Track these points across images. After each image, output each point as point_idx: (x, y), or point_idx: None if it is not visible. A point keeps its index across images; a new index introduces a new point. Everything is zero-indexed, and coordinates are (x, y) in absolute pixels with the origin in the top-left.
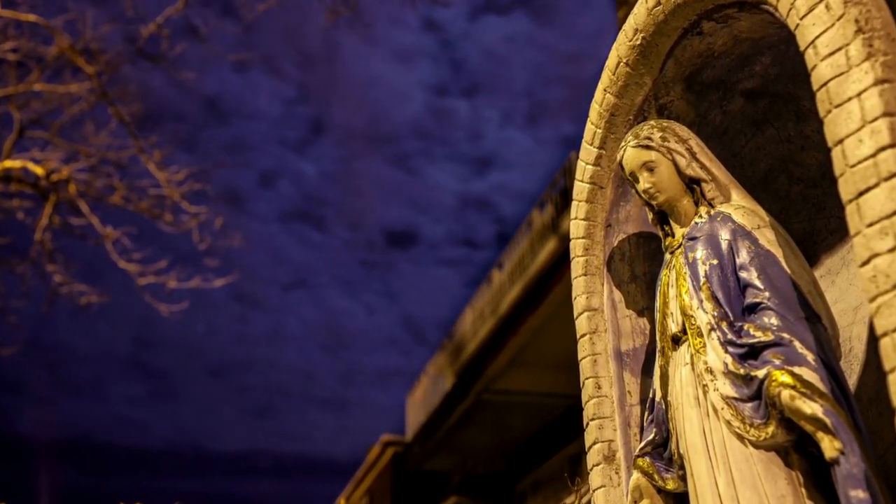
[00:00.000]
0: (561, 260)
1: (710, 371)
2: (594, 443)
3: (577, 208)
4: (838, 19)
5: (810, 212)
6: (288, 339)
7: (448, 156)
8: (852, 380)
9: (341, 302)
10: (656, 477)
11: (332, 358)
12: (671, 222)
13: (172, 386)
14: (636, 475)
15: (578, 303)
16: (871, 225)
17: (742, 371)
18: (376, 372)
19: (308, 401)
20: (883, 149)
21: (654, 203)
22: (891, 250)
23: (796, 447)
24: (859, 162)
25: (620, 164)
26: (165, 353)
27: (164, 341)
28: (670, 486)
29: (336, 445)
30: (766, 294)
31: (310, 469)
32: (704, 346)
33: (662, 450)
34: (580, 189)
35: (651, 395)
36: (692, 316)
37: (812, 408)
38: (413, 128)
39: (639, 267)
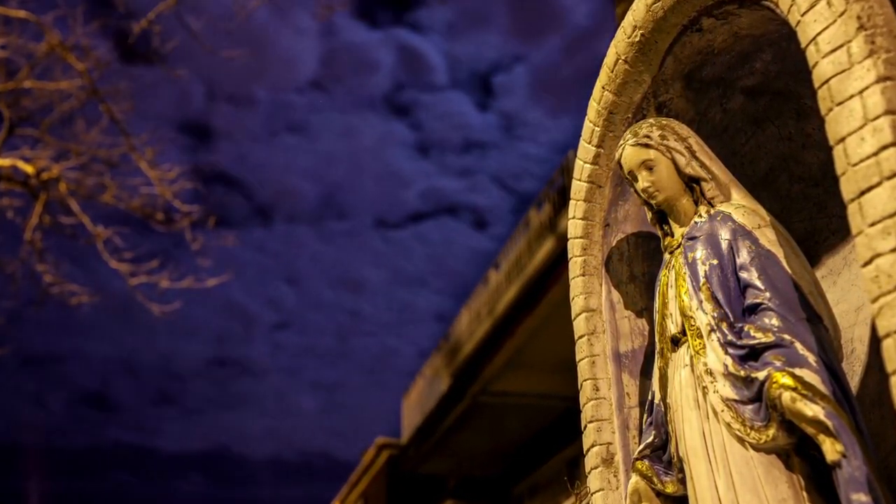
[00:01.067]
0: (559, 260)
1: (709, 373)
2: (592, 445)
3: (575, 207)
4: (840, 16)
5: (811, 211)
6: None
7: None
8: (854, 382)
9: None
10: (655, 480)
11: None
12: (670, 222)
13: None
14: (635, 478)
15: (576, 303)
16: (873, 224)
17: (742, 373)
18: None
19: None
20: (885, 147)
21: (652, 202)
22: (893, 250)
23: (797, 450)
24: (861, 160)
25: (619, 162)
26: None
27: None
28: (670, 489)
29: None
30: (767, 294)
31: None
32: (704, 347)
33: (662, 452)
34: (578, 188)
35: (650, 397)
36: (692, 317)
37: (813, 410)
38: None
39: (637, 267)
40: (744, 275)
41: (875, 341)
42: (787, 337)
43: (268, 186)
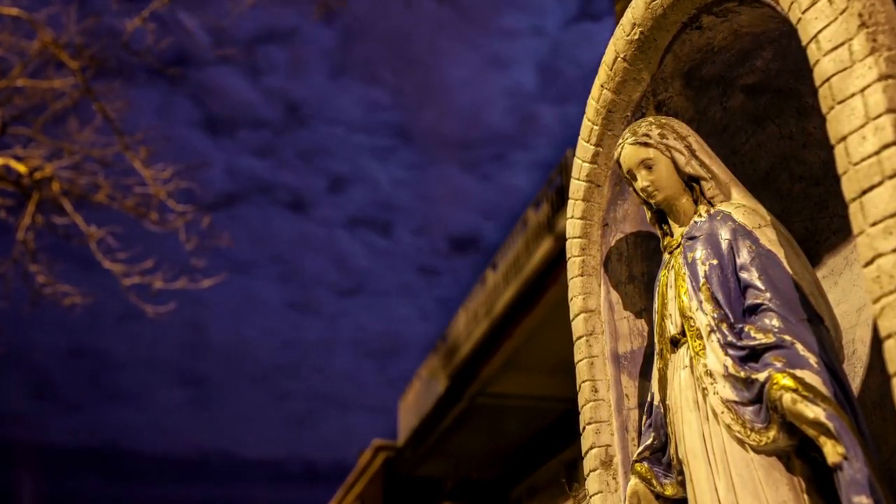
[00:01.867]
0: (557, 260)
1: (709, 374)
2: (591, 447)
3: (574, 207)
4: (841, 13)
5: (812, 211)
6: (340, 345)
7: (528, 162)
8: (855, 383)
9: (398, 309)
10: (655, 482)
11: (380, 365)
12: (670, 221)
13: (212, 392)
14: (634, 481)
15: (575, 304)
16: (874, 224)
17: (742, 374)
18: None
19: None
20: (887, 146)
21: (652, 202)
22: (895, 250)
23: (798, 452)
24: (863, 159)
25: (618, 161)
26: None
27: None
28: (669, 491)
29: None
30: (768, 295)
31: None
32: (704, 348)
33: (661, 455)
34: (576, 187)
35: (649, 399)
36: (691, 317)
37: (814, 412)
38: (495, 133)
39: (637, 267)
40: (744, 275)
41: (877, 342)
42: (787, 338)
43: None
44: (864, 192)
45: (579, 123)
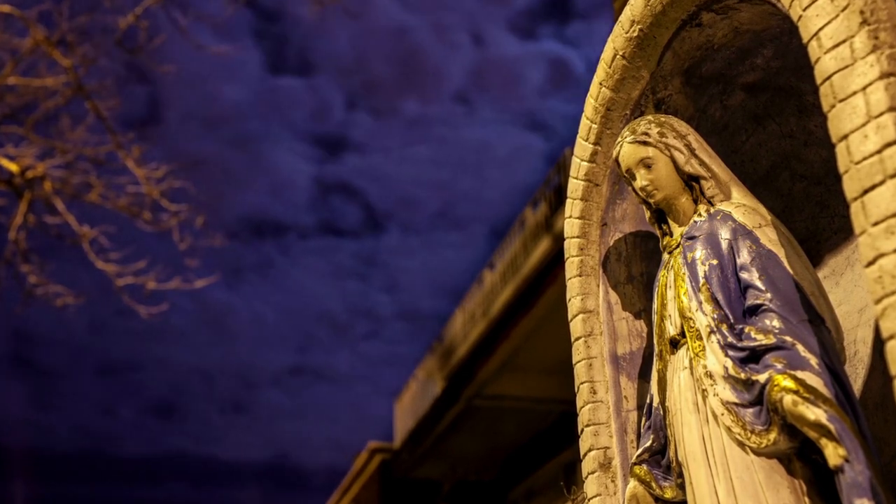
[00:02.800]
0: (555, 260)
1: (709, 375)
2: (589, 450)
3: (572, 206)
4: (843, 10)
5: (813, 210)
6: (171, 334)
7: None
8: (857, 384)
9: (220, 294)
10: (654, 485)
11: (223, 354)
12: (669, 221)
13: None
14: (633, 483)
15: (573, 304)
16: (876, 224)
17: (743, 375)
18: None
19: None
20: (889, 145)
21: (651, 201)
22: None
23: (799, 454)
24: (864, 158)
25: (616, 160)
26: None
27: None
28: (668, 494)
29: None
30: (768, 295)
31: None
32: (704, 349)
33: (660, 457)
34: (575, 186)
35: (648, 401)
36: (691, 318)
37: (815, 413)
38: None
39: (636, 267)
40: (744, 275)
41: (878, 343)
42: (788, 339)
43: (387, 197)
44: (866, 192)
45: (578, 121)
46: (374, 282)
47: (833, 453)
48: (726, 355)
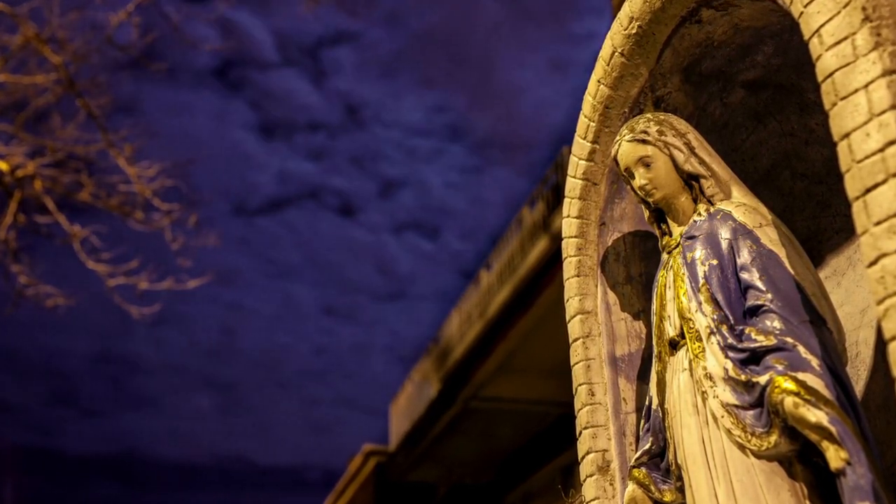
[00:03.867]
0: (552, 260)
1: (709, 377)
2: (588, 452)
3: (570, 206)
4: (844, 7)
5: (815, 209)
6: (375, 351)
7: None
8: (859, 386)
9: (435, 314)
10: (653, 488)
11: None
12: (668, 220)
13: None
14: (632, 487)
15: (571, 305)
16: (878, 223)
17: (743, 377)
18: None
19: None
20: (891, 143)
21: (650, 200)
22: None
23: (800, 457)
24: (866, 157)
25: (615, 159)
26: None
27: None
28: (668, 498)
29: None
30: (769, 296)
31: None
32: (703, 350)
33: (659, 460)
34: (572, 185)
35: (647, 403)
36: (691, 319)
37: (817, 416)
38: (553, 137)
39: (634, 267)
40: (744, 275)
41: (881, 344)
42: (789, 340)
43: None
44: (868, 191)
45: (575, 120)
46: None
47: (835, 456)
48: (726, 357)
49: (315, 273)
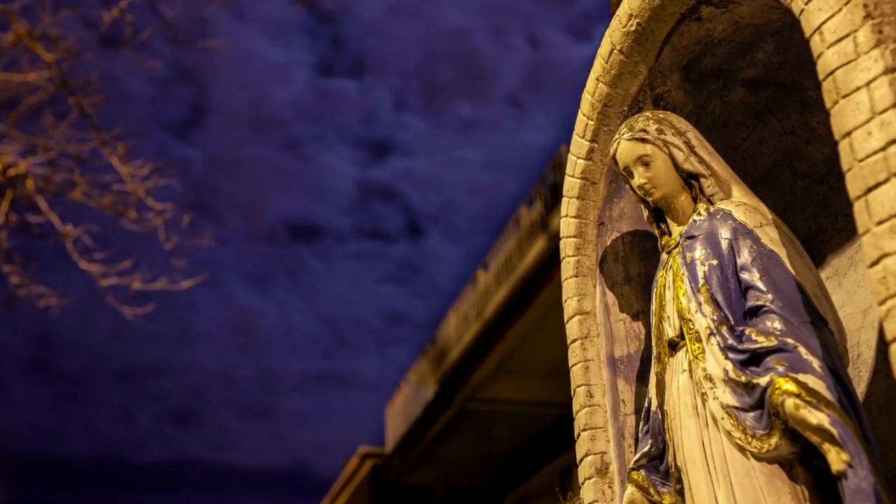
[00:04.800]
0: (550, 260)
1: (709, 378)
2: (586, 455)
3: (568, 205)
4: (846, 4)
5: (816, 209)
6: (199, 340)
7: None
8: (861, 388)
9: (250, 300)
10: (652, 491)
11: (249, 360)
12: (668, 220)
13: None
14: (631, 489)
15: (569, 306)
16: (880, 223)
17: (743, 378)
18: (296, 376)
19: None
20: (893, 142)
21: (649, 200)
22: None
23: (801, 459)
24: (868, 156)
25: (614, 158)
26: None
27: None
28: (667, 500)
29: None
30: (769, 296)
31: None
32: (703, 351)
33: (659, 462)
34: (571, 185)
35: (646, 404)
36: (690, 320)
37: (818, 417)
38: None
39: (633, 268)
40: (745, 276)
41: (882, 345)
42: (790, 341)
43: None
44: (870, 190)
45: (573, 118)
46: (413, 287)
47: (836, 458)
48: (726, 358)
49: None
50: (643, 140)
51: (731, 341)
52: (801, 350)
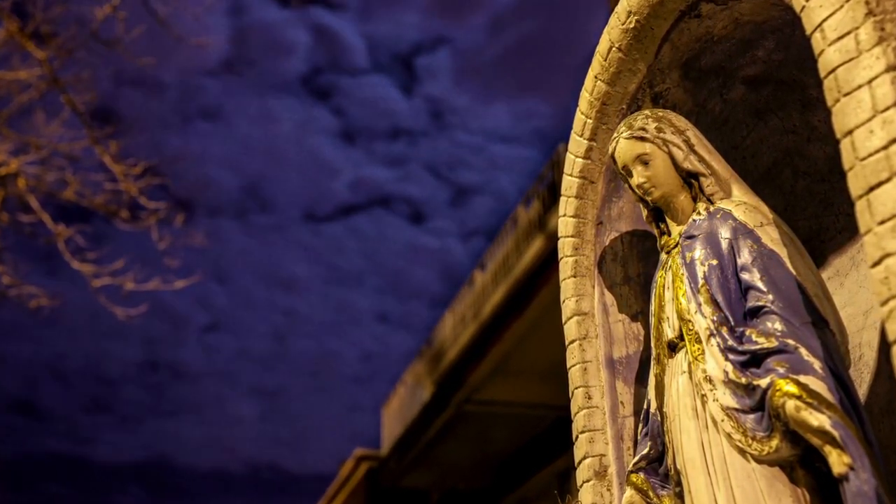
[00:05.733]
0: (548, 260)
1: (709, 380)
2: (584, 457)
3: (566, 204)
4: (847, 1)
5: (817, 208)
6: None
7: None
8: (862, 389)
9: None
10: (651, 494)
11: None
12: (667, 220)
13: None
14: (630, 492)
15: (567, 306)
16: (882, 222)
17: (744, 380)
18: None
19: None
20: (895, 140)
21: (648, 199)
22: None
23: (802, 462)
24: (870, 154)
25: (612, 156)
26: None
27: None
28: (666, 503)
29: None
30: (770, 297)
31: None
32: (703, 353)
33: (658, 465)
34: (569, 184)
35: (645, 406)
36: (690, 321)
37: (819, 419)
38: None
39: (632, 268)
40: (745, 276)
41: (884, 346)
42: (790, 342)
43: (184, 178)
44: (872, 189)
45: (571, 116)
46: None
47: (837, 461)
48: (726, 359)
49: (376, 279)
50: (642, 139)
51: (731, 342)
52: (802, 351)
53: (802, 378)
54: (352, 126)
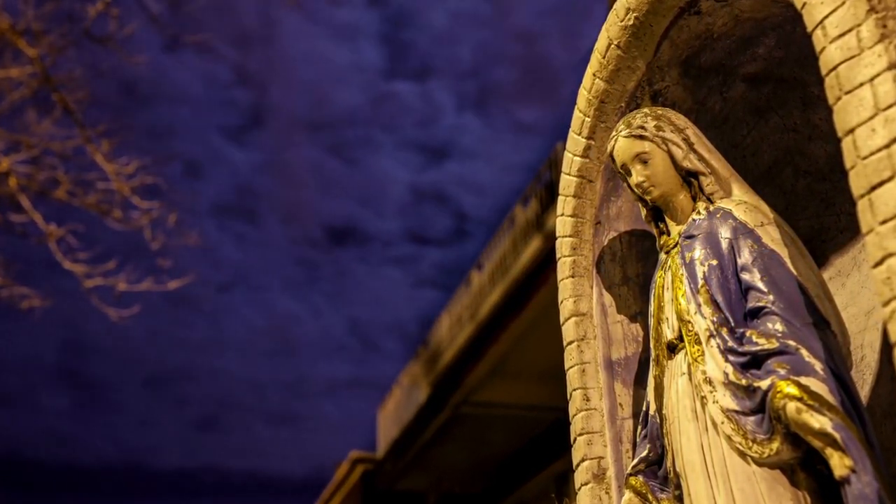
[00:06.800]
0: (546, 260)
1: (708, 381)
2: (583, 460)
3: (564, 204)
4: None
5: (818, 208)
6: (228, 345)
7: (396, 144)
8: (864, 391)
9: (284, 304)
10: (650, 497)
11: (278, 366)
12: (666, 219)
13: (107, 397)
14: (628, 495)
15: (565, 307)
16: (884, 222)
17: (744, 381)
18: (325, 382)
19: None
20: None
21: (647, 198)
22: None
23: (803, 465)
24: (872, 153)
25: (611, 155)
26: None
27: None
28: None
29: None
30: (770, 297)
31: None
32: (703, 354)
33: (657, 468)
34: (567, 183)
35: (644, 408)
36: (689, 321)
37: (820, 422)
38: (356, 113)
39: (631, 268)
40: (745, 276)
41: (887, 348)
42: (791, 343)
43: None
44: (874, 188)
45: (568, 115)
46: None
47: (839, 463)
48: (726, 360)
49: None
50: (641, 137)
51: (731, 343)
52: (803, 352)
53: (803, 380)
54: None
